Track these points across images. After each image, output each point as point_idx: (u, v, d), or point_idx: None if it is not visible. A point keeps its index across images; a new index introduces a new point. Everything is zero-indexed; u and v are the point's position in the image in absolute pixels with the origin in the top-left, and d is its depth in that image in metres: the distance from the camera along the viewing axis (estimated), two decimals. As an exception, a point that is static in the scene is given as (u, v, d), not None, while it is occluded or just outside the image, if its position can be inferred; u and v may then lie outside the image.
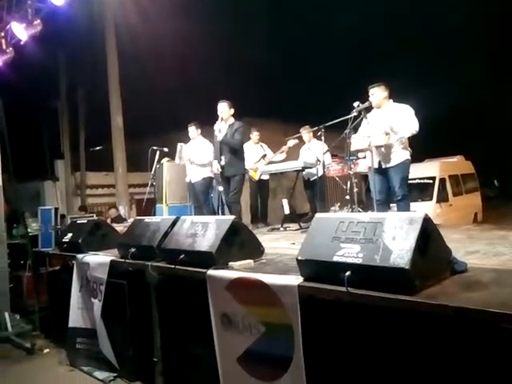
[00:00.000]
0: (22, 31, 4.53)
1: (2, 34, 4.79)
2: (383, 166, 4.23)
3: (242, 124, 5.06)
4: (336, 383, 2.23)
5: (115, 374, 3.69)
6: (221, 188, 5.15)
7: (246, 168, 5.90)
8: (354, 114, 4.34)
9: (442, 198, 9.47)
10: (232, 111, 5.08)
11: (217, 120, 5.12)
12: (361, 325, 2.11)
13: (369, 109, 4.38)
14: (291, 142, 6.18)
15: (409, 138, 4.25)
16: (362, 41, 21.06)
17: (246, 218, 6.40)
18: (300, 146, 6.48)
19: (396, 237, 1.98)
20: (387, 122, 4.14)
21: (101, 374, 3.74)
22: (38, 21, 4.37)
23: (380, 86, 4.29)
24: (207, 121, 6.05)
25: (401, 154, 4.19)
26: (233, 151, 4.97)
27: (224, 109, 5.01)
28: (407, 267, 1.84)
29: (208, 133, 6.16)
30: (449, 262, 2.17)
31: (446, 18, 21.41)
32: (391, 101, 4.33)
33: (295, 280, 2.24)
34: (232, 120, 5.06)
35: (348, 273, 1.98)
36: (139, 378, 3.55)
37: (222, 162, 4.95)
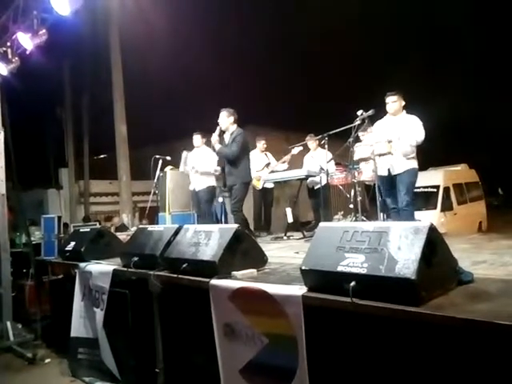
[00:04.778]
0: (27, 41, 4.57)
1: (8, 44, 4.83)
2: (392, 173, 4.21)
3: (241, 132, 4.87)
4: (341, 396, 2.19)
5: (116, 385, 3.66)
6: (220, 199, 5.07)
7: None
8: (358, 122, 4.33)
9: (447, 207, 9.41)
10: (231, 119, 4.89)
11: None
12: (366, 336, 2.08)
13: (372, 117, 4.38)
14: (296, 150, 6.16)
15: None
16: (364, 52, 21.16)
17: (250, 227, 6.37)
18: (303, 155, 6.48)
19: (401, 246, 1.95)
20: (402, 131, 4.14)
21: (102, 385, 3.71)
22: (44, 31, 4.40)
23: (400, 94, 4.31)
24: (210, 130, 6.07)
25: (410, 163, 4.19)
26: (229, 161, 4.85)
27: (222, 118, 4.85)
28: (413, 277, 1.81)
29: (210, 142, 6.18)
30: (455, 272, 2.14)
31: (448, 29, 21.53)
32: (405, 111, 4.35)
33: (299, 290, 2.22)
34: (233, 128, 4.91)
35: (353, 283, 1.95)
36: (141, 388, 3.51)
37: (226, 171, 4.92)
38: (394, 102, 4.27)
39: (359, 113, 4.35)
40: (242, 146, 4.87)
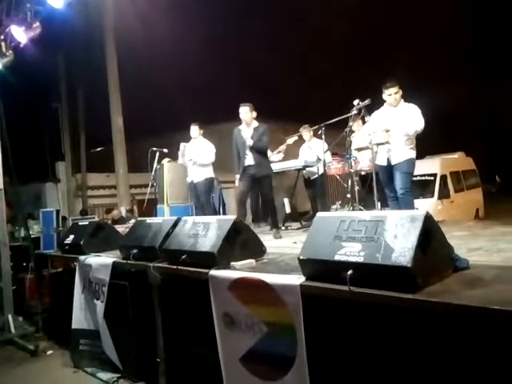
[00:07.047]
0: (21, 34, 4.53)
1: (2, 37, 4.78)
2: (392, 163, 4.21)
3: (267, 125, 5.02)
4: (339, 382, 2.23)
5: (119, 375, 3.71)
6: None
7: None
8: (354, 112, 4.33)
9: (444, 195, 9.45)
10: (254, 114, 4.99)
11: (216, 120, 5.07)
12: (363, 323, 2.12)
13: (369, 106, 4.37)
14: (290, 140, 6.16)
15: None
16: (361, 40, 21.06)
17: (247, 218, 6.40)
18: (300, 145, 6.48)
19: (397, 235, 1.98)
20: (403, 121, 4.11)
21: (104, 375, 3.76)
22: (37, 23, 4.36)
23: (398, 83, 4.23)
24: (206, 121, 6.06)
25: (408, 153, 4.18)
26: (260, 153, 4.95)
27: (246, 113, 4.93)
28: (409, 265, 1.84)
29: (206, 133, 6.15)
30: (451, 259, 2.17)
31: (445, 17, 21.43)
32: (402, 100, 4.30)
33: (297, 279, 2.25)
34: (256, 123, 5.00)
35: (350, 272, 1.98)
36: (142, 378, 3.56)
37: (249, 162, 4.90)
38: (395, 93, 4.19)
39: (355, 102, 4.35)
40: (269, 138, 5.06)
